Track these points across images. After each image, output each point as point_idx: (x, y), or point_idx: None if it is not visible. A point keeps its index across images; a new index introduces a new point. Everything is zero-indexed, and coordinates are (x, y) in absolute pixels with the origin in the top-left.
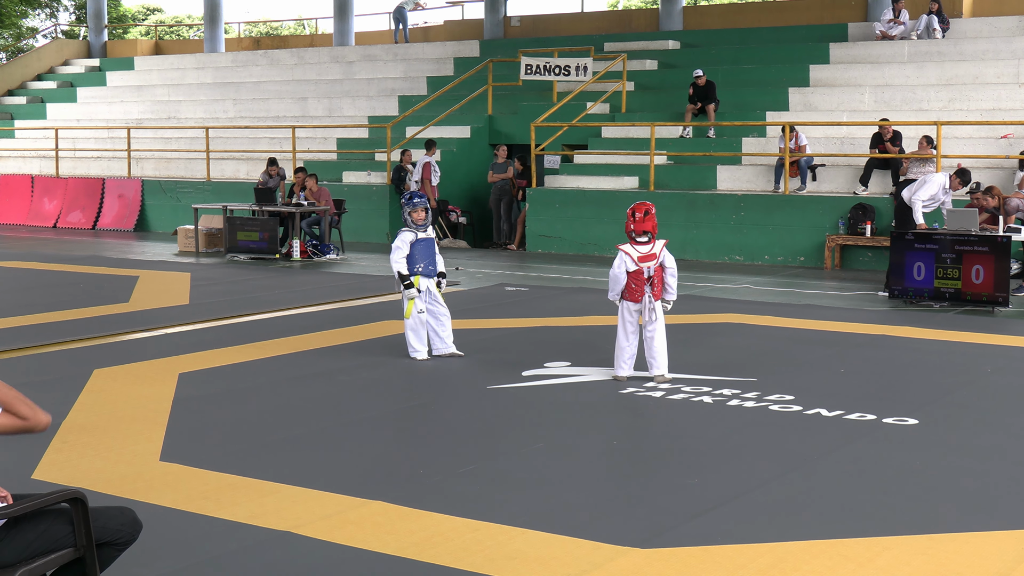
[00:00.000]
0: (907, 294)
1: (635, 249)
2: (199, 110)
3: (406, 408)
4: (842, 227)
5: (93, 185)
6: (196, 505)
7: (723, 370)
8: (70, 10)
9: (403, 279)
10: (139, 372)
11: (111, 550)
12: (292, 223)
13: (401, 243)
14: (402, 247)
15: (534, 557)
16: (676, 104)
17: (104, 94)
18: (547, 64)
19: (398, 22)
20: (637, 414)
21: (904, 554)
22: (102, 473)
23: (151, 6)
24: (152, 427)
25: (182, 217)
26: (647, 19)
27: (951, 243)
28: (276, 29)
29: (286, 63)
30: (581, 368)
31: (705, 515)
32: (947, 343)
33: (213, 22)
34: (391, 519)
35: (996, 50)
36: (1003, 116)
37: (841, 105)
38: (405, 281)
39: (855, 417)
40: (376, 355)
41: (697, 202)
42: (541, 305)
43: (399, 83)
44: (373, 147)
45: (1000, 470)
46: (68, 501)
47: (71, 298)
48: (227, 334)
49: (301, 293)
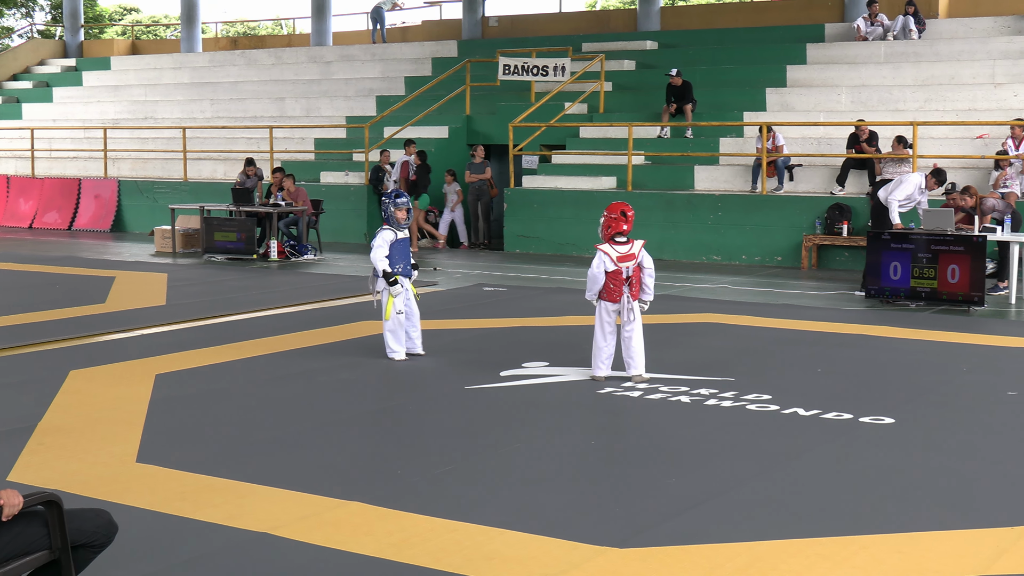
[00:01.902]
0: (883, 294)
1: (614, 249)
2: (176, 110)
3: (384, 408)
4: (819, 227)
5: (69, 185)
6: (173, 507)
7: (701, 370)
8: (46, 10)
9: (388, 277)
10: (116, 373)
11: (87, 552)
12: (270, 223)
13: (382, 242)
14: (383, 246)
15: (512, 557)
16: (654, 104)
17: (80, 94)
18: (525, 64)
19: (376, 22)
20: (615, 414)
21: (881, 552)
22: (78, 475)
23: (128, 6)
24: (129, 428)
25: (159, 217)
26: (625, 19)
27: (927, 243)
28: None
29: (263, 63)
30: (559, 368)
31: (683, 515)
32: (923, 342)
33: (190, 22)
34: (369, 520)
35: (972, 51)
36: (979, 116)
37: (818, 105)
38: (390, 279)
39: (832, 416)
40: (354, 355)
41: (675, 202)
42: (519, 305)
43: (377, 83)
44: (351, 147)
45: (976, 468)
46: (43, 503)
47: (47, 299)
48: (204, 335)
49: (279, 294)
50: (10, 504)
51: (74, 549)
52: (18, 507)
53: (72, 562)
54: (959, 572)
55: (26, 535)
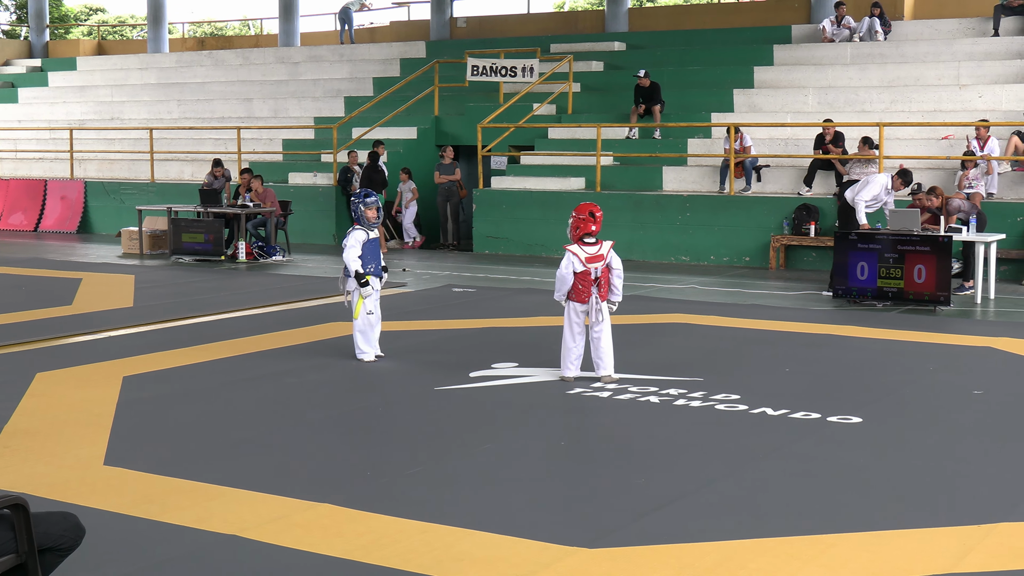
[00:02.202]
0: (850, 294)
1: (583, 250)
2: (143, 111)
3: (353, 410)
4: (786, 227)
5: (35, 186)
6: (141, 509)
7: (670, 370)
8: (11, 10)
9: (360, 277)
10: (82, 375)
11: (53, 556)
12: (238, 225)
13: (355, 242)
14: (356, 246)
15: (482, 558)
16: (622, 105)
17: (46, 94)
18: (493, 65)
19: (344, 23)
20: (584, 414)
21: (849, 551)
22: (45, 478)
23: (94, 6)
24: (96, 431)
25: (126, 219)
26: (593, 20)
27: (893, 243)
28: (221, 29)
29: (231, 64)
30: (528, 369)
31: (652, 514)
32: (890, 342)
33: (157, 22)
34: (338, 521)
35: (937, 52)
36: (944, 117)
37: (785, 106)
38: (361, 279)
39: (800, 416)
40: (323, 357)
41: (643, 203)
42: (488, 306)
43: (345, 84)
44: (319, 148)
45: (943, 467)
46: (9, 507)
47: (13, 301)
48: (172, 337)
49: (247, 295)
50: None
51: (41, 553)
52: None
53: (39, 566)
54: (927, 570)
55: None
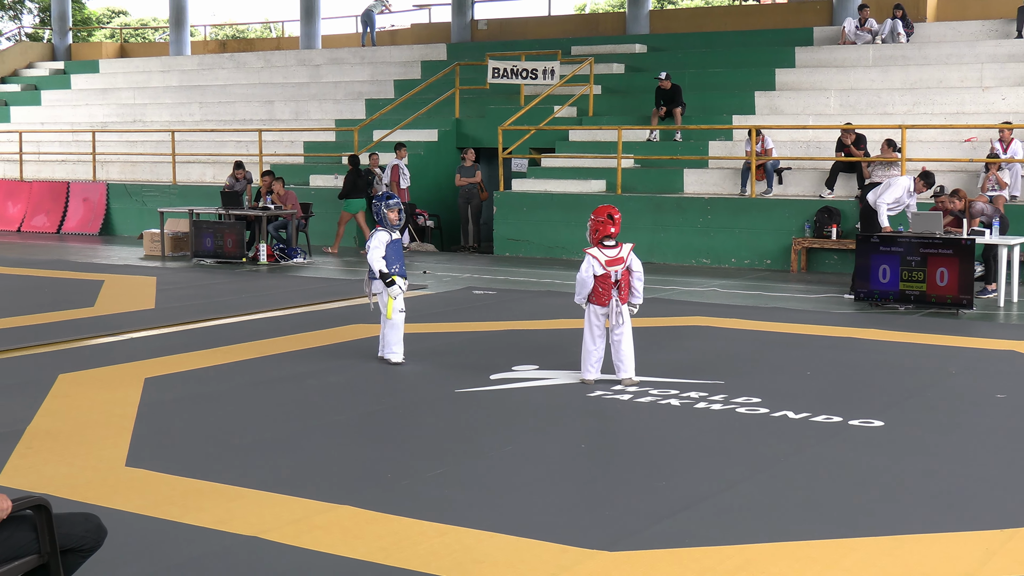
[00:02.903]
0: (872, 296)
1: (603, 253)
2: (165, 113)
3: (373, 412)
4: (808, 230)
5: (58, 189)
6: (162, 510)
7: (690, 373)
8: (34, 13)
9: (385, 277)
10: (104, 377)
11: (75, 557)
12: (259, 227)
13: (378, 243)
14: (380, 247)
15: (502, 561)
16: (643, 107)
17: (69, 97)
18: (514, 67)
19: (365, 25)
20: (605, 417)
21: (871, 555)
22: (67, 479)
23: (116, 8)
24: (117, 432)
25: (148, 221)
26: (614, 23)
27: (916, 246)
28: (242, 32)
29: (252, 66)
30: (549, 371)
31: (673, 517)
32: (912, 345)
33: (179, 25)
34: (358, 523)
35: (960, 54)
36: (967, 119)
37: (807, 109)
38: (387, 279)
39: (821, 419)
40: (344, 359)
41: (664, 205)
42: (509, 308)
43: (366, 86)
44: (340, 151)
45: (965, 471)
46: (32, 508)
47: (36, 302)
48: (193, 338)
49: (268, 297)
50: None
51: (63, 553)
52: (7, 512)
53: (61, 566)
54: (949, 574)
55: (15, 540)
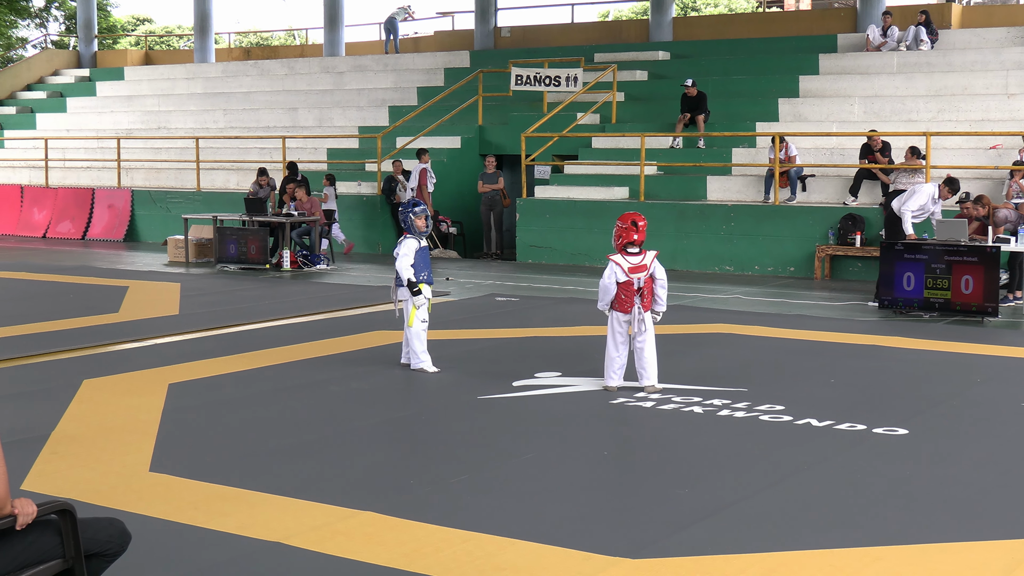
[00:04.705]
0: (897, 304)
1: (626, 260)
2: (189, 120)
3: (396, 418)
4: (832, 237)
5: (83, 195)
6: (185, 516)
7: (713, 380)
8: (60, 20)
9: (412, 286)
10: (129, 383)
11: (100, 561)
12: (282, 233)
13: (408, 250)
14: (409, 254)
15: (524, 568)
16: (666, 114)
17: (94, 104)
18: (537, 75)
19: (389, 32)
20: (627, 424)
21: (895, 564)
22: (91, 484)
23: (141, 16)
24: (141, 438)
25: (172, 227)
26: (637, 30)
27: (940, 253)
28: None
29: (276, 73)
30: (571, 378)
31: (696, 525)
32: (937, 353)
33: (203, 32)
34: (381, 530)
35: (984, 61)
36: (992, 127)
37: (831, 116)
38: (414, 288)
39: (845, 427)
40: (366, 365)
41: (687, 212)
42: (531, 315)
43: (389, 93)
44: (363, 157)
45: (990, 480)
46: (57, 512)
47: (61, 308)
48: (217, 344)
49: (291, 303)
50: (24, 513)
51: (87, 558)
52: (32, 516)
53: (85, 571)
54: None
55: (40, 544)
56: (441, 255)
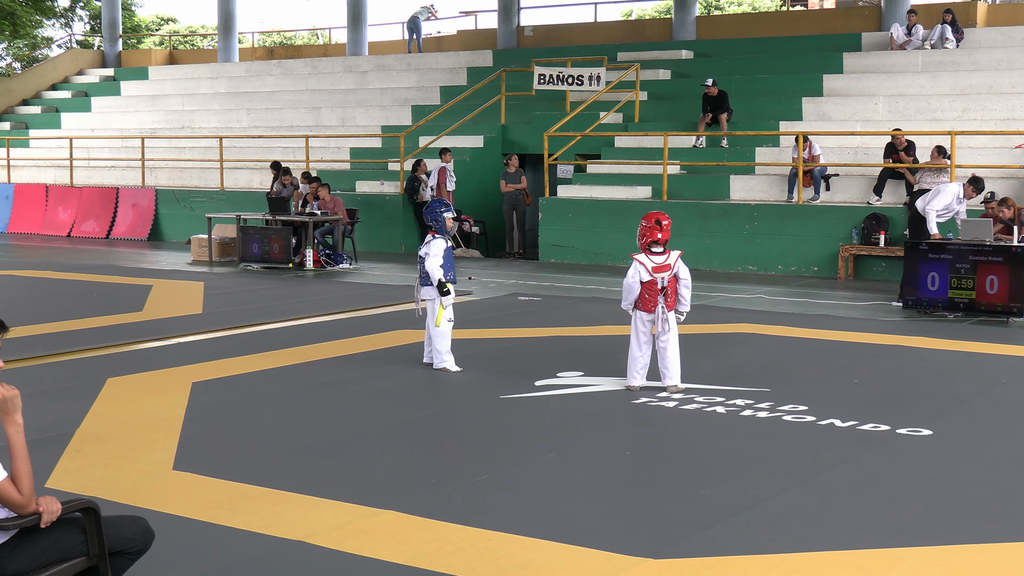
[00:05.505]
0: (921, 304)
1: (650, 259)
2: (213, 119)
3: (418, 417)
4: (856, 237)
5: (107, 194)
6: (209, 514)
7: (736, 380)
8: (85, 20)
9: (442, 286)
10: (152, 381)
11: (124, 559)
12: (305, 232)
13: (437, 250)
14: (438, 255)
15: (547, 567)
16: (689, 114)
17: (118, 103)
18: (560, 74)
19: (412, 32)
20: (650, 424)
21: (918, 565)
22: (115, 482)
23: (165, 16)
24: (165, 436)
25: (196, 226)
26: (660, 29)
27: (965, 253)
28: (290, 39)
29: (299, 73)
30: (594, 378)
31: (718, 525)
32: (961, 353)
33: (227, 32)
34: (403, 528)
35: (1011, 60)
36: (1018, 126)
37: (855, 115)
38: (443, 288)
39: (869, 427)
40: (389, 364)
41: (710, 212)
42: (554, 315)
43: (412, 93)
44: (386, 156)
45: (1014, 481)
46: (81, 510)
47: (85, 307)
48: (240, 343)
49: (314, 303)
50: (49, 511)
51: (111, 556)
52: (56, 514)
53: (109, 569)
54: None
55: (64, 542)
56: (464, 254)
